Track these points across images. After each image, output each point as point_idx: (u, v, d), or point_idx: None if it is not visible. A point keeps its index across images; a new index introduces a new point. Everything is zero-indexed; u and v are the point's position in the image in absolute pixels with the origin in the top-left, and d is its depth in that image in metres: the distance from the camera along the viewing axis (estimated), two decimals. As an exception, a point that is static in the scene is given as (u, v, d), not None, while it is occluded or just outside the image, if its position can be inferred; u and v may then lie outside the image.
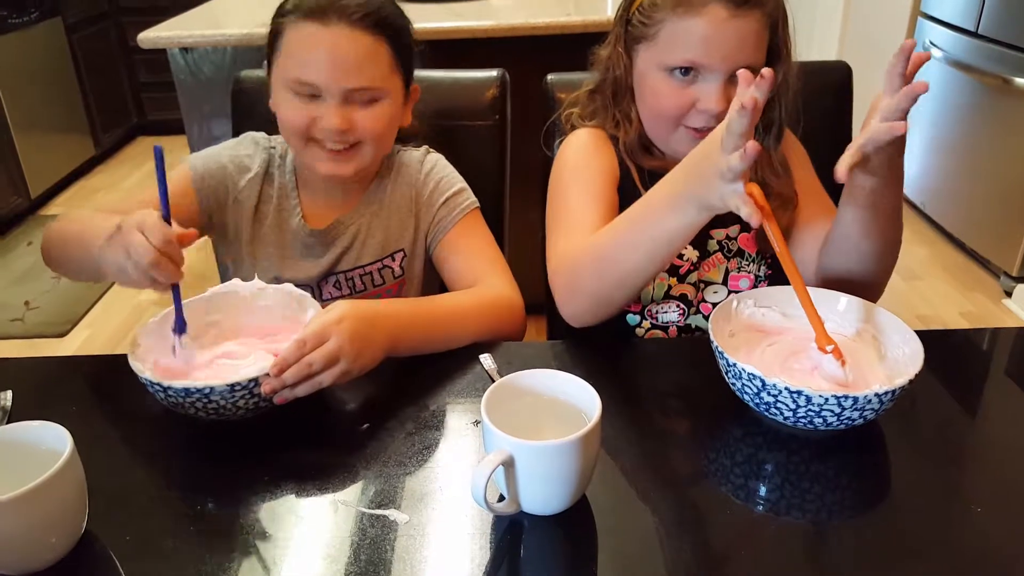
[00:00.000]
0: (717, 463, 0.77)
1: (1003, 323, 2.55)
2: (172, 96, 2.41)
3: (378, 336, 0.87)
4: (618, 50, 1.06)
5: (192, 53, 2.25)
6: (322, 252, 1.13)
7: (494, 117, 1.29)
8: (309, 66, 0.99)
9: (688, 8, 0.95)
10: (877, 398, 0.73)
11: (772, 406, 0.77)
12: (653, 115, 1.04)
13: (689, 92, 0.99)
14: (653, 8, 0.99)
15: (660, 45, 0.99)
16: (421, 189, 1.14)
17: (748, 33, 0.96)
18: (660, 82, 1.01)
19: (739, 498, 0.72)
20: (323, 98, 1.01)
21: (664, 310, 1.10)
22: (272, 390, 0.78)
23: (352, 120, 1.02)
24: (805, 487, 0.74)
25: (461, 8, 2.41)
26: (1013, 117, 2.63)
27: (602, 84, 1.11)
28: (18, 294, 2.92)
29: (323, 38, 0.99)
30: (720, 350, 0.80)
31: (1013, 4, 2.59)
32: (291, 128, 1.04)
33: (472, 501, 0.68)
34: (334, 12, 0.99)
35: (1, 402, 0.87)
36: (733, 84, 0.95)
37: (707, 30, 0.95)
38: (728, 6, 0.94)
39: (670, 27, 0.98)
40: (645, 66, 1.03)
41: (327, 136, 1.02)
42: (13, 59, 3.49)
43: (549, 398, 0.74)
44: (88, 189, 3.98)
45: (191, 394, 0.76)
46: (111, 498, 0.73)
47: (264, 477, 0.75)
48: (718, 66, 0.96)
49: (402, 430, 0.82)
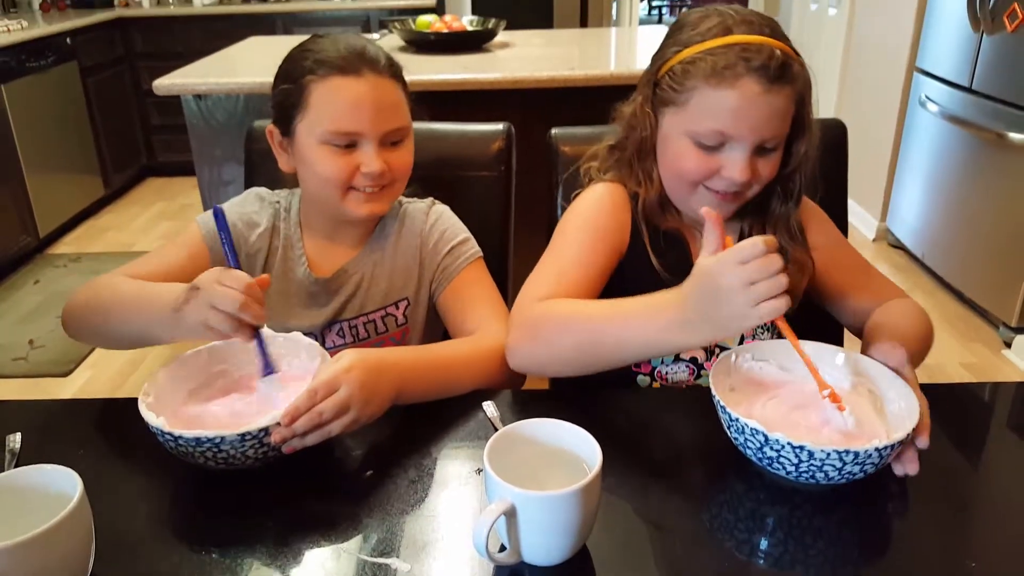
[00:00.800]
0: (719, 517, 0.78)
1: (1003, 373, 2.56)
2: (182, 139, 2.46)
3: (385, 385, 0.88)
4: (645, 110, 1.06)
5: (205, 100, 2.30)
6: (327, 300, 1.15)
7: (500, 168, 1.32)
8: (348, 116, 1.05)
9: (721, 80, 0.95)
10: (877, 452, 0.74)
11: (775, 460, 0.78)
12: (675, 177, 1.05)
13: (714, 160, 1.00)
14: (685, 75, 0.99)
15: (689, 112, 1.00)
16: (427, 239, 1.17)
17: (778, 108, 0.97)
18: (686, 148, 1.01)
19: (742, 553, 0.73)
20: (360, 146, 1.06)
21: (674, 371, 1.11)
22: (282, 439, 0.80)
23: (389, 161, 1.08)
24: (808, 542, 0.74)
25: (468, 61, 2.47)
26: (1008, 171, 2.67)
27: (624, 141, 1.11)
28: (23, 332, 2.93)
29: (359, 89, 1.05)
30: (722, 405, 0.81)
31: (1005, 61, 2.65)
32: (334, 181, 1.07)
33: (473, 550, 0.69)
34: (364, 64, 1.06)
35: (10, 444, 0.88)
36: (758, 154, 0.99)
37: (739, 103, 0.95)
38: (762, 81, 0.94)
39: (701, 96, 0.98)
40: (671, 130, 1.03)
41: (367, 181, 1.07)
42: (28, 101, 3.57)
43: (551, 447, 0.75)
44: (96, 229, 4.02)
45: (202, 443, 0.78)
46: (117, 542, 0.74)
47: (267, 523, 0.76)
48: (746, 137, 0.97)
49: (405, 477, 0.83)
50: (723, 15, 0.99)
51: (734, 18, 0.99)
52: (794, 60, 0.97)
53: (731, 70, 0.95)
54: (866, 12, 3.79)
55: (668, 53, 1.03)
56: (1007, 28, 2.60)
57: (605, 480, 0.70)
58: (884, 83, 3.53)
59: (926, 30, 3.18)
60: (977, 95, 2.81)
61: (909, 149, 3.36)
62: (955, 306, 3.00)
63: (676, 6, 8.15)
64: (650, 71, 1.07)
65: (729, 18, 0.99)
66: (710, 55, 0.97)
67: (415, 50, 2.66)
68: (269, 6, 4.56)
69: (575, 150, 1.27)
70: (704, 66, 0.97)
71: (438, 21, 2.69)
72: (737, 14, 1.00)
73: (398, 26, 2.70)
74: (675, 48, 1.02)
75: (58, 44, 3.82)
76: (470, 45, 2.68)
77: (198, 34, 4.40)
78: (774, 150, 1.01)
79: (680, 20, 1.07)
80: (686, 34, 1.02)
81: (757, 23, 0.98)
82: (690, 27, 1.02)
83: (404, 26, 2.70)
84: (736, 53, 0.95)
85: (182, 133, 2.40)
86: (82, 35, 4.03)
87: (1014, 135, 2.58)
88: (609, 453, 0.70)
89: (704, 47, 0.98)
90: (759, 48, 0.95)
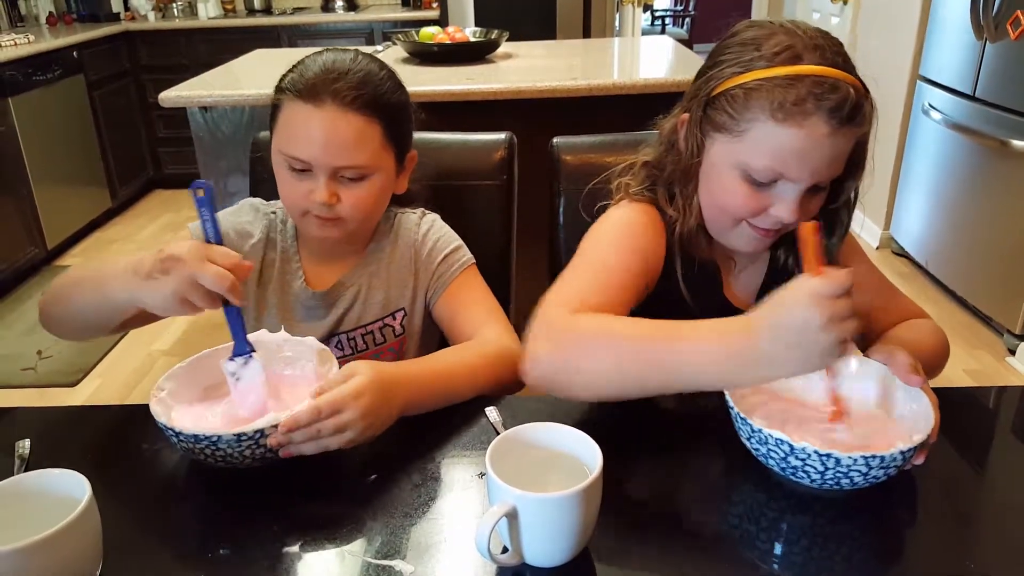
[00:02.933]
0: (722, 519, 0.79)
1: (1007, 380, 2.55)
2: (188, 151, 2.49)
3: (391, 407, 0.88)
4: (693, 132, 0.96)
5: (211, 112, 2.32)
6: (324, 313, 1.16)
7: (502, 177, 1.33)
8: (301, 144, 1.03)
9: (787, 116, 0.86)
10: (901, 455, 0.75)
11: (799, 470, 0.78)
12: (718, 210, 0.98)
13: (764, 198, 0.92)
14: (747, 103, 0.89)
15: (745, 144, 0.90)
16: (419, 248, 1.17)
17: (842, 150, 0.89)
18: (734, 181, 0.93)
19: (743, 554, 0.74)
20: (314, 172, 1.04)
21: None
22: (278, 444, 0.81)
23: (339, 195, 1.05)
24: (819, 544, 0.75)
25: (471, 71, 2.49)
26: (1012, 178, 2.67)
27: (663, 159, 1.03)
28: (31, 343, 2.95)
29: (315, 119, 1.02)
30: (743, 417, 0.80)
31: (1008, 69, 2.66)
32: (288, 202, 1.09)
33: (476, 552, 0.70)
34: (328, 95, 1.02)
35: (19, 451, 0.89)
36: (809, 194, 0.91)
37: (803, 144, 0.86)
38: (832, 123, 0.85)
39: (762, 130, 0.88)
40: (720, 159, 0.94)
41: (316, 209, 1.05)
42: (35, 114, 3.60)
43: (553, 451, 0.76)
44: (104, 240, 4.05)
45: (200, 441, 0.79)
46: (125, 545, 0.75)
47: (274, 527, 0.77)
48: (804, 179, 0.89)
49: (409, 482, 0.84)
50: (792, 35, 0.89)
51: (804, 42, 0.88)
52: (866, 99, 0.88)
53: (800, 107, 0.85)
54: (869, 20, 3.81)
55: (726, 72, 0.92)
56: (1010, 36, 2.61)
57: (607, 483, 0.71)
58: (887, 91, 3.54)
59: (929, 38, 3.19)
60: (980, 103, 2.82)
61: (913, 157, 3.37)
62: (959, 313, 3.00)
63: (680, 16, 8.18)
64: (701, 88, 0.96)
65: (799, 41, 0.88)
66: (777, 86, 0.86)
67: (419, 61, 2.68)
68: (273, 19, 4.60)
69: (576, 159, 1.28)
70: (769, 97, 0.86)
71: (441, 33, 2.71)
72: (806, 35, 0.89)
73: (402, 38, 2.73)
74: (735, 68, 0.91)
75: (65, 58, 3.86)
76: (473, 56, 2.70)
77: (203, 47, 4.44)
78: (825, 188, 0.94)
79: (739, 34, 0.94)
80: (748, 53, 0.90)
81: (829, 50, 0.88)
82: (753, 46, 0.90)
83: (407, 38, 2.72)
84: (807, 88, 0.85)
85: (188, 145, 2.43)
86: (88, 49, 4.07)
87: (1017, 143, 2.59)
88: (612, 456, 0.71)
89: (770, 74, 0.87)
90: (834, 85, 0.85)
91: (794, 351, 0.73)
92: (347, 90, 1.03)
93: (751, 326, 0.76)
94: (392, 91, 1.09)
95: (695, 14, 7.83)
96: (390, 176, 1.12)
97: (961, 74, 2.93)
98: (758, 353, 0.75)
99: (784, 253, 1.05)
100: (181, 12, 4.78)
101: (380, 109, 1.06)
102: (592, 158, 1.28)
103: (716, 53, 0.95)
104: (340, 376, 0.86)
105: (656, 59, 2.82)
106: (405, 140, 1.14)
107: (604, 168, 1.18)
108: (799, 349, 0.72)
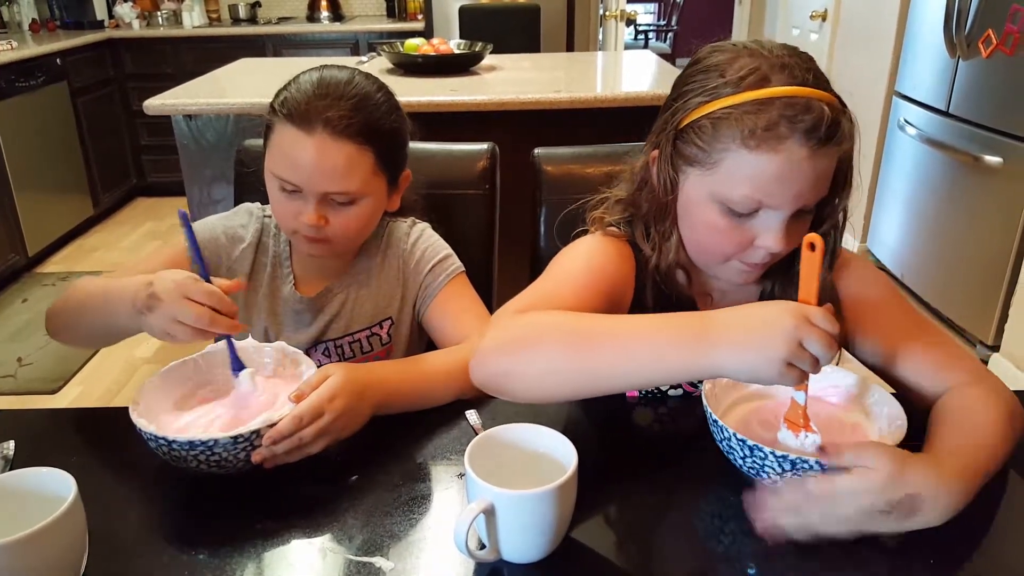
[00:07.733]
0: (696, 514, 0.81)
1: (981, 392, 2.59)
2: (172, 159, 2.49)
3: (365, 407, 0.91)
4: (664, 168, 0.91)
5: (196, 120, 2.33)
6: (311, 320, 1.17)
7: (484, 187, 1.36)
8: (291, 168, 1.03)
9: (761, 143, 0.81)
10: None
11: (760, 471, 0.79)
12: (703, 248, 0.94)
13: (748, 230, 0.87)
14: (716, 133, 0.84)
15: (720, 176, 0.86)
16: (408, 258, 1.18)
17: (824, 171, 0.84)
18: (714, 216, 0.88)
19: (717, 547, 0.76)
20: (304, 195, 1.05)
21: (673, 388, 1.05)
22: (262, 459, 0.83)
23: (328, 218, 1.06)
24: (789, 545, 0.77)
25: (456, 83, 2.52)
26: (984, 192, 2.73)
27: (636, 196, 0.99)
28: (12, 350, 2.94)
29: (305, 145, 1.01)
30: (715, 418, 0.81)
31: (980, 86, 2.73)
32: (278, 218, 1.11)
33: (455, 549, 0.71)
34: (319, 122, 1.01)
35: (3, 452, 0.90)
36: (795, 219, 0.87)
37: (781, 169, 0.82)
38: (808, 144, 0.81)
39: (736, 159, 0.84)
40: (696, 193, 0.90)
41: (305, 229, 1.06)
42: (18, 121, 3.59)
43: (530, 451, 0.78)
44: (85, 248, 4.03)
45: (195, 447, 0.80)
46: (109, 544, 0.76)
47: (255, 525, 0.79)
48: (786, 206, 0.85)
49: (390, 482, 0.86)
50: (756, 56, 0.84)
51: (771, 62, 0.83)
52: (843, 115, 0.84)
53: (772, 131, 0.81)
54: (847, 37, 3.88)
55: (692, 102, 0.87)
56: (982, 54, 2.67)
57: (584, 481, 0.73)
58: (864, 107, 3.61)
59: (905, 55, 3.26)
60: (954, 119, 2.88)
61: (889, 171, 3.43)
62: (934, 325, 3.05)
63: (662, 31, 8.27)
64: (668, 121, 0.91)
65: (764, 62, 0.83)
66: (746, 112, 0.82)
67: (403, 72, 2.71)
68: (259, 28, 4.62)
69: (558, 170, 1.31)
70: (739, 125, 0.82)
71: (426, 44, 2.74)
72: (772, 54, 0.84)
73: (387, 49, 2.76)
74: (700, 98, 0.86)
75: (48, 65, 3.85)
76: (458, 68, 2.73)
77: (188, 56, 4.45)
78: (811, 212, 0.89)
79: (702, 60, 0.89)
80: (713, 80, 0.86)
81: (799, 68, 0.83)
82: (717, 72, 0.86)
83: (393, 49, 2.75)
84: (778, 111, 0.81)
85: (172, 153, 2.43)
86: (72, 56, 4.06)
87: (989, 157, 2.65)
88: (587, 455, 0.73)
89: (737, 100, 0.83)
90: (806, 105, 0.81)
91: (753, 336, 0.70)
92: (338, 118, 1.01)
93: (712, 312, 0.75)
94: (387, 115, 1.08)
95: (678, 29, 7.93)
96: (381, 198, 1.12)
97: (935, 90, 3.00)
98: (717, 325, 0.72)
99: (772, 284, 1.01)
100: (166, 20, 4.78)
101: (372, 135, 1.05)
102: (573, 169, 1.31)
103: (680, 83, 0.91)
104: (316, 378, 0.89)
105: (638, 73, 2.86)
106: (399, 163, 1.14)
107: (585, 179, 1.21)
108: (758, 335, 0.70)
